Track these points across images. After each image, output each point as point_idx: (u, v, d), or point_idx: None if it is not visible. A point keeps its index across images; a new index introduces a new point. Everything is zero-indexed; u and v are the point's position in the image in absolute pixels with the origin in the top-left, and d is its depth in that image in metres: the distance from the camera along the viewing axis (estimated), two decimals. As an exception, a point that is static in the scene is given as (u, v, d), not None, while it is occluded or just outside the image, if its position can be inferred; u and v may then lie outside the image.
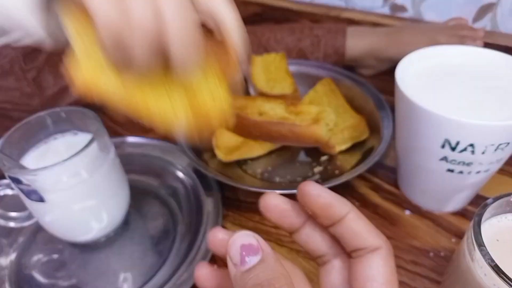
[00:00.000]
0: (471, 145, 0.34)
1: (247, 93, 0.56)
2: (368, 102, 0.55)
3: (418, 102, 0.35)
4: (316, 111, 0.47)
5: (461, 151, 0.35)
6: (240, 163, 0.52)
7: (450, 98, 0.37)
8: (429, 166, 0.39)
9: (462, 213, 0.43)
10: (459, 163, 0.37)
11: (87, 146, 0.36)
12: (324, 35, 0.63)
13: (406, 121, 0.39)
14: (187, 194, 0.49)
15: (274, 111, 0.48)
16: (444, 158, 0.37)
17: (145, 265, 0.42)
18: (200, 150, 0.51)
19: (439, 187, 0.41)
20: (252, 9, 0.79)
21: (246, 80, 0.54)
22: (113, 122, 0.57)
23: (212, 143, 0.51)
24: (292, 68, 0.59)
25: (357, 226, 0.21)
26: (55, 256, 0.44)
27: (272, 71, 0.58)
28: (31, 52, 0.54)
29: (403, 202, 0.45)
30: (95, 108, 0.37)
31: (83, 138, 0.41)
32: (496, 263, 0.25)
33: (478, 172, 0.37)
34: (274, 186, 0.49)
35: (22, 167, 0.37)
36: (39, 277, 0.42)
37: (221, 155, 0.50)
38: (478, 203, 0.44)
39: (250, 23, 0.67)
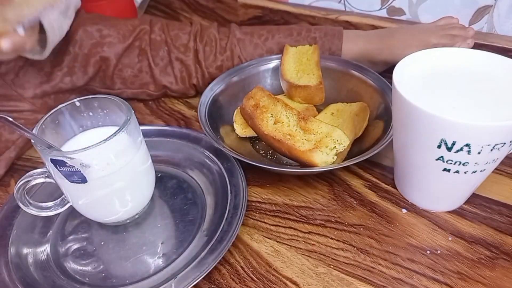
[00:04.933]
0: (467, 145, 0.35)
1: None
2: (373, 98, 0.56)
3: (415, 102, 0.35)
4: (325, 131, 0.46)
5: (457, 151, 0.36)
6: (254, 143, 0.56)
7: (447, 99, 0.37)
8: (426, 165, 0.40)
9: (459, 212, 0.44)
10: (455, 163, 0.37)
11: (125, 125, 0.38)
12: (321, 38, 0.64)
13: (403, 122, 0.39)
14: (206, 168, 0.51)
15: (288, 120, 0.49)
16: (441, 158, 0.37)
17: (181, 234, 0.44)
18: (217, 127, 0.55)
19: (435, 186, 0.42)
20: (252, 12, 0.79)
21: None
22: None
23: (233, 119, 0.57)
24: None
25: None
26: (91, 238, 0.45)
27: (303, 62, 0.60)
28: None
29: (400, 201, 0.46)
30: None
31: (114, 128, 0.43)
32: None
33: (474, 172, 0.38)
34: (281, 166, 0.52)
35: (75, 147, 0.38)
36: (80, 259, 0.43)
37: (238, 129, 0.56)
38: (475, 202, 0.45)
39: (249, 25, 0.68)
